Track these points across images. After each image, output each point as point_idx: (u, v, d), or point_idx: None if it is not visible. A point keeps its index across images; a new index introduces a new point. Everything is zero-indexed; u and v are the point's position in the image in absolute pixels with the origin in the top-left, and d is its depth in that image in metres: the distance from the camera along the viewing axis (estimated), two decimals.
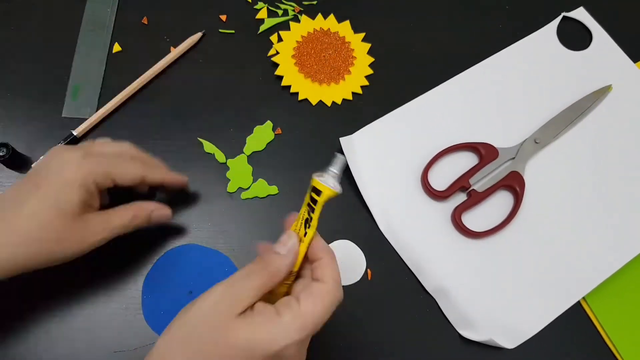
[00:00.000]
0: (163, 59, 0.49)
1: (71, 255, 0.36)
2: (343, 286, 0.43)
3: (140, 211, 0.40)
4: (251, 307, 0.30)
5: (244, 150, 0.47)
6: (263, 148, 0.48)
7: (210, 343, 0.29)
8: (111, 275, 0.43)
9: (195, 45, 0.51)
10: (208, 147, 0.48)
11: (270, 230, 0.45)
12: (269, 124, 0.49)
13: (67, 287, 0.42)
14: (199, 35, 0.51)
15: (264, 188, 0.47)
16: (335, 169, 0.32)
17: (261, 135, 0.48)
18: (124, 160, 0.38)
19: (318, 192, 0.32)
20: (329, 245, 0.45)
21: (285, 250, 0.32)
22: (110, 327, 0.41)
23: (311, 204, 0.32)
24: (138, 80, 0.48)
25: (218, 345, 0.29)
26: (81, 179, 0.35)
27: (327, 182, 0.31)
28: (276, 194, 0.47)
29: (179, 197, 0.46)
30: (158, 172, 0.41)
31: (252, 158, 0.48)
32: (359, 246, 0.45)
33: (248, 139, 0.48)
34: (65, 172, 0.35)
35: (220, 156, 0.47)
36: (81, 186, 0.35)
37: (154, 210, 0.41)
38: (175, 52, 0.50)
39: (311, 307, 0.30)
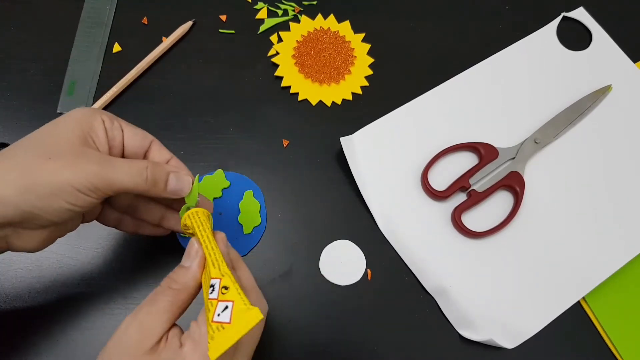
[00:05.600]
0: (156, 49, 0.49)
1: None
2: (343, 286, 0.44)
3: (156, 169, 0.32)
4: (166, 336, 0.28)
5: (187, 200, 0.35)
6: (220, 195, 0.45)
7: None
8: (111, 274, 0.43)
9: (195, 45, 0.51)
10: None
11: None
12: (219, 172, 0.45)
13: (67, 287, 0.42)
14: (189, 24, 0.51)
15: None
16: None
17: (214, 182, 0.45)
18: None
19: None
20: (330, 245, 0.45)
21: (189, 262, 0.29)
22: (110, 327, 0.41)
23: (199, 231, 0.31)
24: (132, 71, 0.48)
25: None
26: (83, 117, 0.31)
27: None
28: None
29: None
30: (166, 152, 0.35)
31: (254, 158, 0.48)
32: (359, 246, 0.45)
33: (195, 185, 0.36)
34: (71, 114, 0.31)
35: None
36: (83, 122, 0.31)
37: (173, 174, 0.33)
38: (167, 42, 0.50)
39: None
